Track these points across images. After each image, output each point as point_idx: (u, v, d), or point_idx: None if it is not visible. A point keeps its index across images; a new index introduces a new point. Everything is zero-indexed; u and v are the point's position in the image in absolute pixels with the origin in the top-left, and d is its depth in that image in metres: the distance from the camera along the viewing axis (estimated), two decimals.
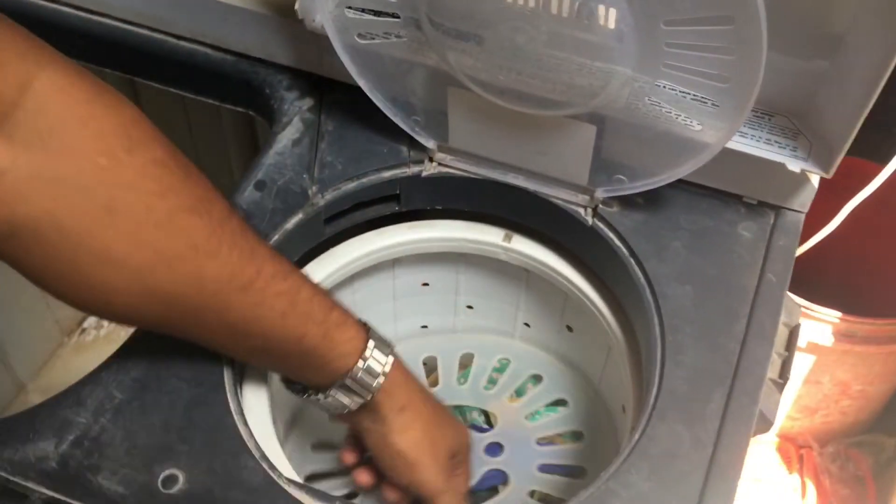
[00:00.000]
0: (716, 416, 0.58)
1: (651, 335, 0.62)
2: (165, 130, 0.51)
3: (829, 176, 0.61)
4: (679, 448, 0.56)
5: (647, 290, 0.65)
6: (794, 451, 1.33)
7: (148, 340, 0.60)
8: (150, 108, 1.03)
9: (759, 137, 0.65)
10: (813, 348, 1.10)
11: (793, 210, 0.68)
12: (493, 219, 0.77)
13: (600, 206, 0.69)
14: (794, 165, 0.62)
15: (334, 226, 0.72)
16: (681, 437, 0.57)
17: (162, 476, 0.55)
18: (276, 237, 0.68)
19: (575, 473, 0.79)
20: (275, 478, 0.55)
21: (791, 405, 1.25)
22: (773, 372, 0.61)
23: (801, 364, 1.14)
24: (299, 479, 0.57)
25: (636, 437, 0.57)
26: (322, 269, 0.73)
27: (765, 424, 0.59)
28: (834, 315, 1.06)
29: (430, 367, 0.95)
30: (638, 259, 0.66)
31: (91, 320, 1.35)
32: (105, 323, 1.34)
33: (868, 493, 1.25)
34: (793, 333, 0.63)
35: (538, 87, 0.61)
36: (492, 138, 0.69)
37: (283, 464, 0.59)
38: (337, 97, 0.75)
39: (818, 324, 1.07)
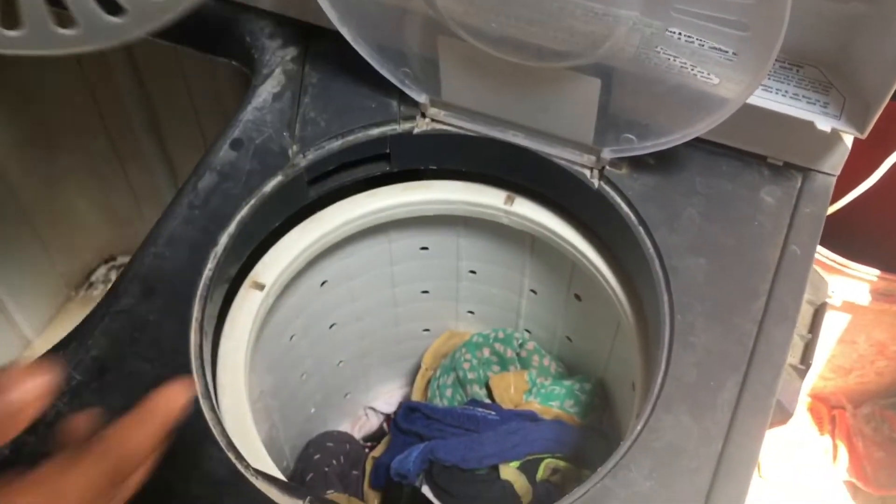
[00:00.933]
0: (727, 406, 0.52)
1: (659, 313, 0.56)
2: (161, 85, 0.45)
3: (863, 136, 0.54)
4: (685, 442, 0.51)
5: (657, 262, 0.58)
6: (827, 411, 1.28)
7: (111, 315, 0.56)
8: (145, 62, 0.97)
9: (786, 92, 0.57)
10: (849, 307, 1.04)
11: (822, 173, 0.61)
12: (494, 180, 0.70)
13: (607, 167, 0.62)
14: (825, 124, 0.55)
15: (319, 188, 0.67)
16: (688, 429, 0.51)
17: None
18: (252, 202, 0.62)
19: (580, 452, 0.74)
20: (241, 469, 0.51)
21: (824, 365, 1.20)
22: (793, 357, 0.55)
23: (836, 323, 1.08)
24: (273, 470, 0.53)
25: (638, 428, 0.52)
26: (308, 235, 0.68)
27: (783, 415, 0.54)
28: (872, 273, 0.99)
29: (432, 334, 0.90)
30: (647, 227, 0.60)
31: (98, 274, 1.32)
32: (113, 276, 1.31)
33: None
34: (818, 313, 0.56)
35: (536, 35, 0.55)
36: (488, 92, 0.62)
37: (255, 452, 0.54)
38: (323, 46, 0.69)
39: (855, 282, 1.00)
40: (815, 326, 0.56)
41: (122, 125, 1.09)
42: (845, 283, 1.01)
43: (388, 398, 0.96)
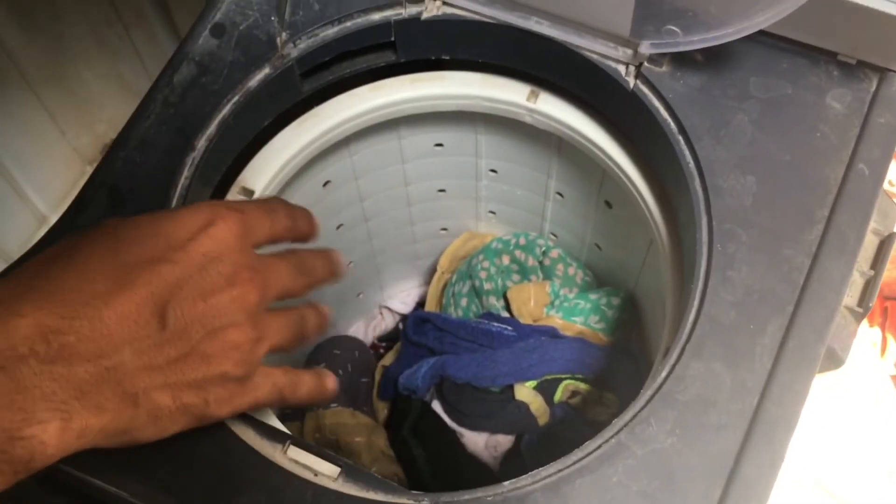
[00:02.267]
0: (769, 353, 0.45)
1: (696, 240, 0.49)
2: None
3: None
4: (716, 394, 0.44)
5: (697, 180, 0.50)
6: (879, 302, 1.21)
7: (77, 228, 0.50)
8: None
9: None
10: None
11: None
12: (516, 73, 0.62)
13: (646, 64, 0.53)
14: None
15: (314, 81, 0.59)
16: (720, 379, 0.45)
17: None
18: (237, 97, 0.55)
19: (604, 374, 0.68)
20: None
21: None
22: (851, 297, 0.47)
23: None
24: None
25: (662, 375, 0.45)
26: (304, 134, 0.61)
27: (833, 364, 0.47)
28: None
29: (451, 233, 0.84)
30: (688, 137, 0.51)
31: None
32: None
33: None
34: (884, 245, 0.48)
35: None
36: None
37: None
38: None
39: None
40: (878, 261, 0.48)
41: None
42: None
43: (403, 297, 0.90)
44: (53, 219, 1.18)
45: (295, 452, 0.45)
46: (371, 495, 0.43)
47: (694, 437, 0.43)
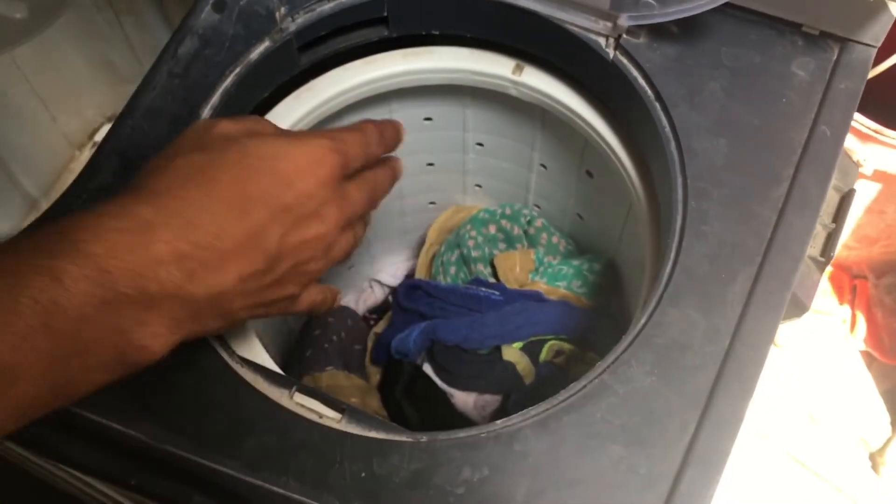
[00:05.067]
0: (738, 300, 0.49)
1: (672, 198, 0.52)
2: None
3: None
4: (691, 338, 0.48)
5: (672, 143, 0.54)
6: (848, 281, 1.25)
7: (89, 193, 0.53)
8: None
9: None
10: (880, 176, 0.99)
11: (862, 44, 0.55)
12: (502, 47, 0.65)
13: (624, 35, 0.57)
14: None
15: (311, 54, 0.62)
16: (694, 324, 0.48)
17: None
18: (238, 69, 0.58)
19: (586, 335, 0.72)
20: (226, 357, 0.49)
21: (850, 234, 1.16)
22: (814, 248, 0.51)
23: (866, 192, 1.04)
24: (262, 358, 0.51)
25: (642, 321, 0.49)
26: (301, 105, 0.64)
27: (798, 310, 0.50)
28: None
29: (438, 207, 0.87)
30: (664, 104, 0.55)
31: (103, 132, 1.29)
32: None
33: None
34: (844, 200, 0.52)
35: None
36: None
37: (246, 341, 0.52)
38: None
39: (888, 150, 0.95)
40: (839, 215, 0.52)
41: None
42: (879, 151, 0.95)
43: (393, 271, 0.94)
44: (43, 203, 1.21)
45: (301, 398, 0.48)
46: (374, 434, 0.46)
47: (671, 376, 0.47)
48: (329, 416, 0.47)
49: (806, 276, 0.50)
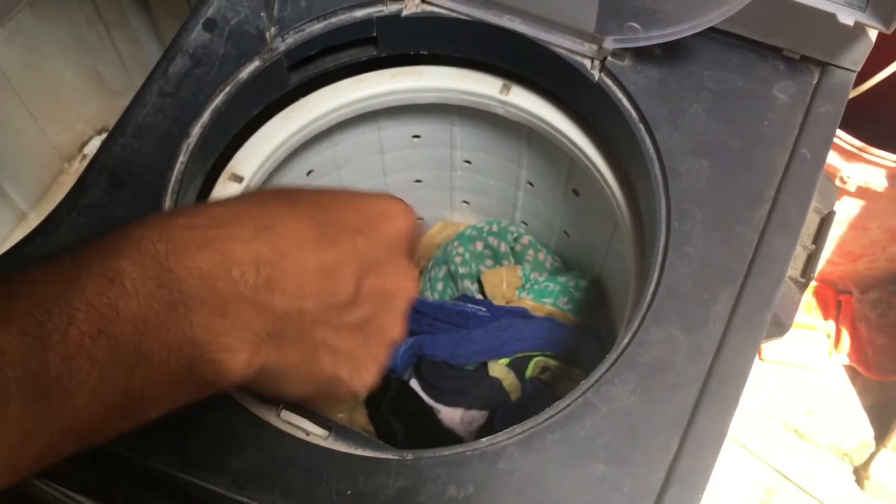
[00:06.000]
0: (720, 320, 0.49)
1: (655, 219, 0.53)
2: None
3: (889, 31, 0.49)
4: (674, 357, 0.49)
5: (656, 164, 0.55)
6: (832, 296, 1.27)
7: (79, 209, 0.53)
8: None
9: None
10: (863, 192, 1.00)
11: (842, 68, 0.56)
12: (490, 67, 0.66)
13: (609, 58, 0.58)
14: (847, 17, 0.50)
15: (300, 74, 0.62)
16: (677, 343, 0.49)
17: None
18: (228, 88, 0.58)
19: (572, 351, 0.73)
20: None
21: (834, 250, 1.17)
22: (795, 269, 0.52)
23: (849, 208, 1.05)
24: None
25: (625, 341, 0.49)
26: (290, 124, 0.64)
27: (779, 330, 0.51)
28: (890, 158, 0.95)
29: (426, 223, 0.88)
30: (648, 125, 0.56)
31: (92, 145, 1.29)
32: None
33: None
34: (824, 222, 0.53)
35: None
36: None
37: None
38: None
39: (871, 167, 0.96)
40: (820, 237, 0.53)
41: None
42: (862, 168, 0.97)
43: None
44: (32, 215, 1.21)
45: (288, 415, 0.49)
46: (360, 451, 0.47)
47: (654, 395, 0.48)
48: (316, 434, 0.48)
49: (786, 297, 0.51)
